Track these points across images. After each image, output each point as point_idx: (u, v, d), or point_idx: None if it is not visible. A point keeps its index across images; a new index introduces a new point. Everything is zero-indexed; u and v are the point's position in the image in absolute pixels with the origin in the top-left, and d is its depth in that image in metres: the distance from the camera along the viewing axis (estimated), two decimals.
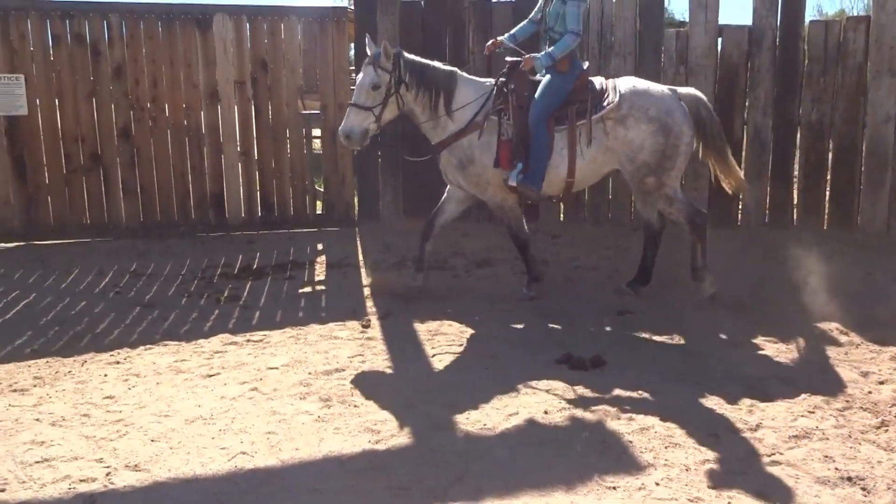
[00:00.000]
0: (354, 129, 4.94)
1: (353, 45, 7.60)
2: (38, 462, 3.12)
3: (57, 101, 6.60)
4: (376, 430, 3.36)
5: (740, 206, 6.77)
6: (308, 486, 2.91)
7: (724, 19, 6.63)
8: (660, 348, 4.41)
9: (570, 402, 3.63)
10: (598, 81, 5.18)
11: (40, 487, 2.93)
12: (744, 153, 6.72)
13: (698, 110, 5.15)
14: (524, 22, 5.42)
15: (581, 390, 3.77)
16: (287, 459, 3.12)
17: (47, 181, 6.67)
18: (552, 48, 5.00)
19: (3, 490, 2.90)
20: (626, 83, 5.15)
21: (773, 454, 3.13)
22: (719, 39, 6.62)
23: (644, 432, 3.32)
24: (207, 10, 6.75)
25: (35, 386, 3.96)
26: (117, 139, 6.72)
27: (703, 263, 5.13)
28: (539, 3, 5.31)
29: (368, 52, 5.03)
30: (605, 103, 5.03)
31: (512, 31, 5.37)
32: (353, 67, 7.50)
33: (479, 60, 6.96)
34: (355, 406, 3.63)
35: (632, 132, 4.98)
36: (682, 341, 4.51)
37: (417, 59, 5.15)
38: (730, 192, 5.51)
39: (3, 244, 6.62)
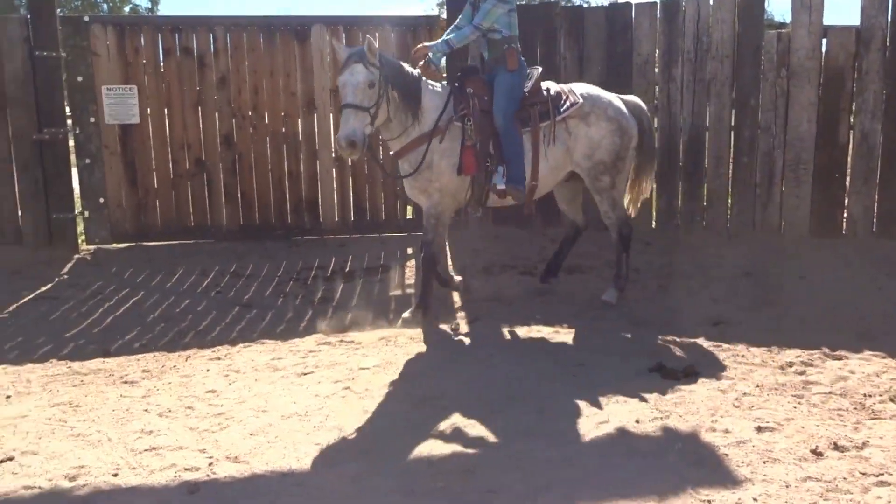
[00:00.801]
0: (357, 132, 4.44)
1: None
2: (146, 450, 3.30)
3: (166, 110, 6.97)
4: (466, 432, 3.39)
5: (845, 215, 6.47)
6: (399, 486, 2.96)
7: (828, 20, 6.37)
8: (758, 360, 4.26)
9: (662, 412, 3.56)
10: (550, 85, 5.15)
11: (149, 474, 3.10)
12: (849, 159, 6.42)
13: (641, 119, 5.26)
14: (450, 29, 5.24)
15: (674, 400, 3.69)
16: (378, 458, 3.19)
17: (156, 185, 7.04)
18: (450, 36, 5.00)
19: (115, 475, 3.08)
20: (582, 86, 5.24)
21: (881, 474, 2.98)
22: (824, 41, 6.36)
23: (740, 445, 3.22)
24: (306, 22, 6.98)
25: (144, 378, 4.19)
26: (220, 146, 7.03)
27: (626, 273, 5.39)
28: (466, 9, 5.20)
29: (341, 55, 4.63)
30: (567, 103, 5.03)
31: (443, 39, 5.09)
32: (445, 75, 7.58)
33: (570, 66, 6.92)
34: (444, 408, 3.67)
35: (593, 129, 5.07)
36: (782, 355, 4.33)
37: (391, 58, 4.90)
38: (630, 208, 5.57)
39: (115, 245, 7.03)
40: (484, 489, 2.92)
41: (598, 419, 3.49)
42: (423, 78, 4.98)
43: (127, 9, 29.95)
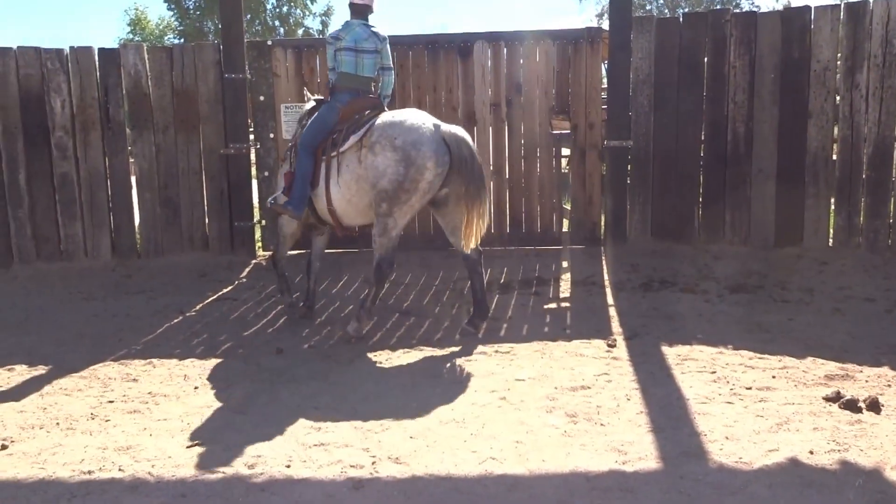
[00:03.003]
0: None
1: (604, 64, 7.62)
2: (315, 445, 3.50)
3: None
4: (623, 450, 3.32)
5: None
6: (555, 499, 2.95)
7: None
8: None
9: (840, 444, 3.30)
10: (371, 114, 5.25)
11: (318, 468, 3.29)
12: None
13: (459, 149, 4.86)
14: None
15: (854, 433, 3.41)
16: (534, 469, 3.20)
17: None
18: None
19: (288, 466, 3.30)
20: (388, 115, 5.15)
21: None
22: None
23: None
24: (469, 39, 7.16)
25: (311, 378, 4.46)
26: None
27: (370, 306, 5.17)
28: None
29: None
30: (355, 134, 5.12)
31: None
32: (605, 86, 7.51)
33: (739, 75, 6.61)
34: (601, 425, 3.62)
35: (378, 158, 4.95)
36: None
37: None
38: (460, 240, 5.17)
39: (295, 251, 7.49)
40: None
41: (768, 447, 3.30)
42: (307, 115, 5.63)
43: (300, 32, 32.06)
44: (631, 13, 6.95)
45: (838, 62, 6.44)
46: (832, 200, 6.56)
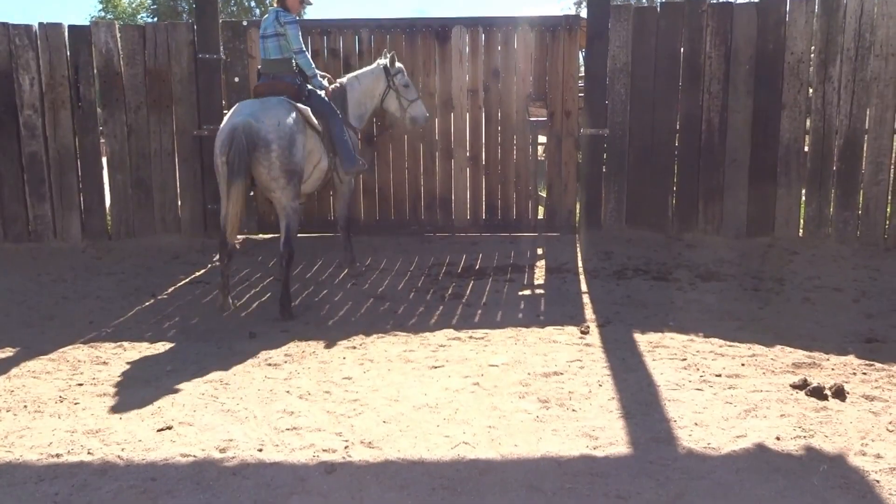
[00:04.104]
0: None
1: (582, 52, 7.62)
2: (288, 429, 3.50)
3: None
4: (594, 435, 3.36)
5: None
6: (526, 483, 2.98)
7: None
8: None
9: (805, 430, 3.37)
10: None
11: (290, 452, 3.28)
12: None
13: (231, 139, 5.17)
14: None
15: (819, 419, 3.48)
16: (506, 454, 3.22)
17: None
18: None
19: (260, 450, 3.29)
20: (250, 103, 5.55)
21: None
22: None
23: (894, 473, 3.00)
24: (447, 23, 7.12)
25: (286, 362, 4.44)
26: (361, 143, 7.26)
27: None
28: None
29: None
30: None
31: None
32: (582, 75, 7.52)
33: (715, 65, 6.65)
34: (573, 410, 3.65)
35: None
36: None
37: None
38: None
39: (261, 235, 7.46)
40: (613, 494, 2.89)
41: (736, 433, 3.35)
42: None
43: None
44: (609, 1, 6.94)
45: (812, 55, 6.51)
46: (803, 191, 6.65)
